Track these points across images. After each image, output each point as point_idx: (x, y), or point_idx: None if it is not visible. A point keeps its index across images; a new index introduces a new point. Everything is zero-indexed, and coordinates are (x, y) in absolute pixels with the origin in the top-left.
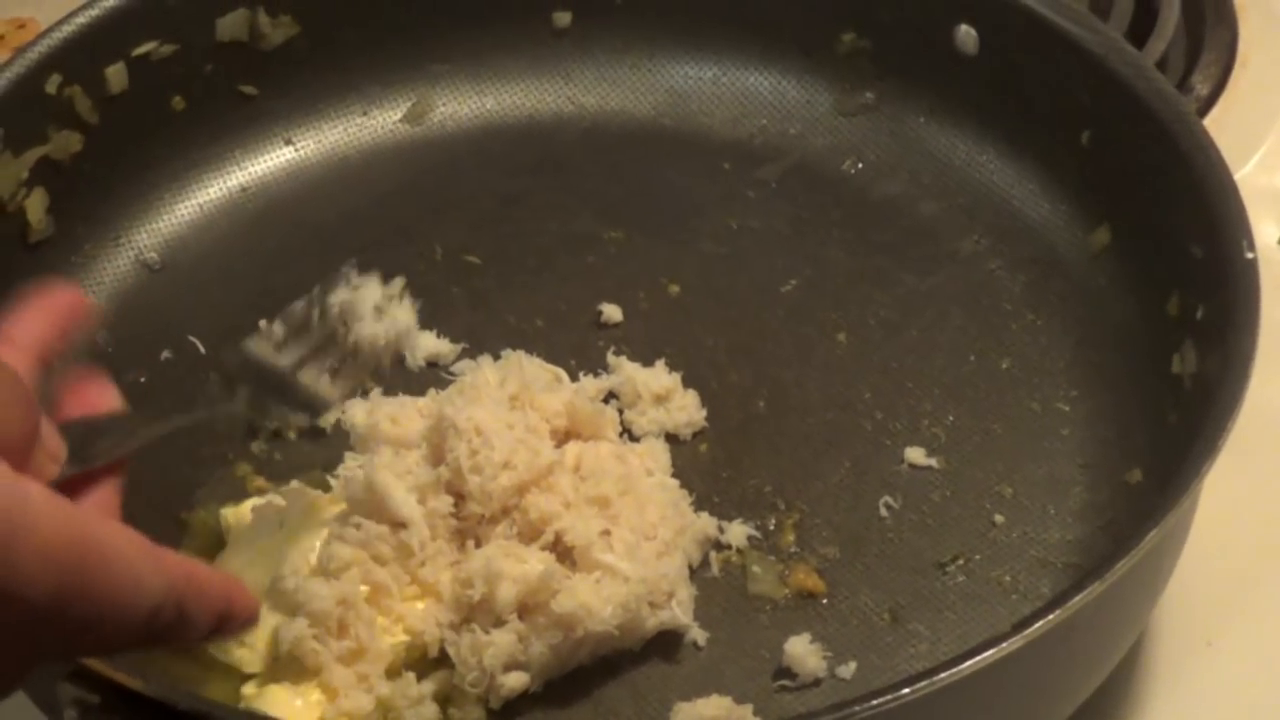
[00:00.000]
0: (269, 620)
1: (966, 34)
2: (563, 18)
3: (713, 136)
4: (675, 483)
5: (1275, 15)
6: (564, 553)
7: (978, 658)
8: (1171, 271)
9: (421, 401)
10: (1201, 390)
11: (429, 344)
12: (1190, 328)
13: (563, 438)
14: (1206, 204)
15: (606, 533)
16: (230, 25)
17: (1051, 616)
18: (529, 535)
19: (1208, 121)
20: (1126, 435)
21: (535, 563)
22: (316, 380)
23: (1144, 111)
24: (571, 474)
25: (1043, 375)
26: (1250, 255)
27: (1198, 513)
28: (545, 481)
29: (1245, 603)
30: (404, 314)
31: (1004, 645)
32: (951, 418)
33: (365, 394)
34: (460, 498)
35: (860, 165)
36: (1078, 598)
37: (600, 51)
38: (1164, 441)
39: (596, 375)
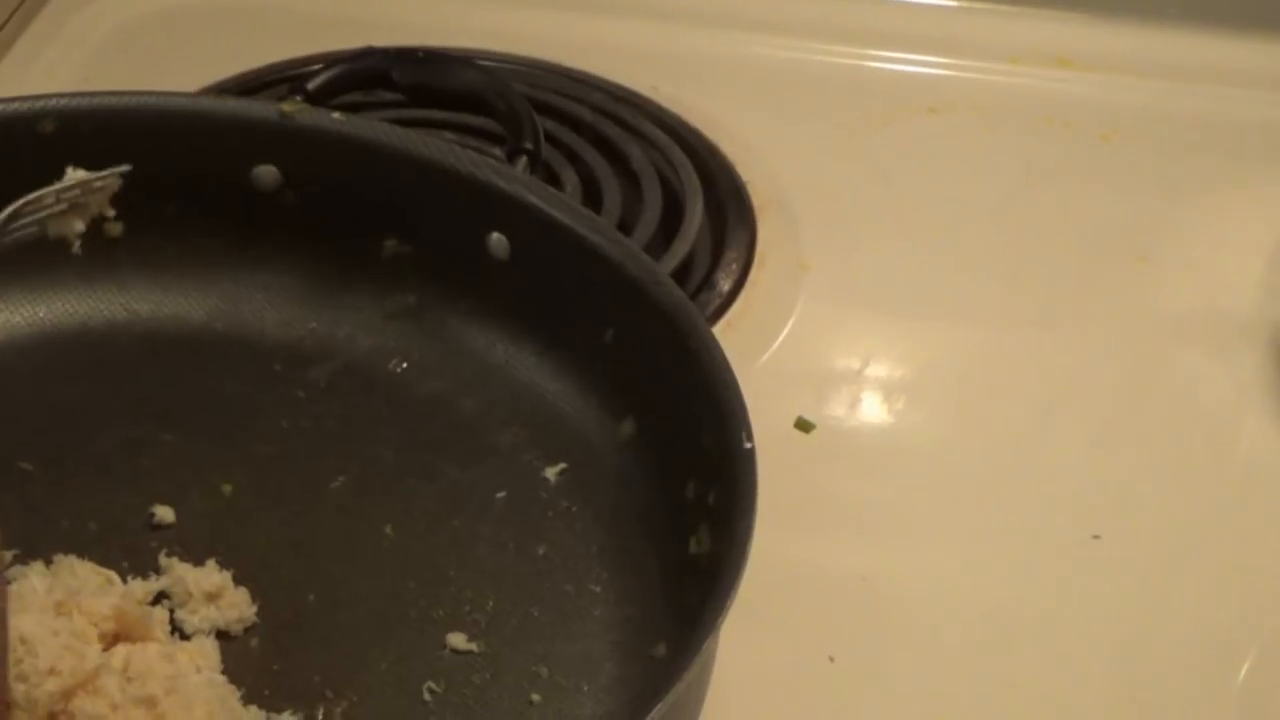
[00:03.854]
0: None
1: (498, 241)
2: (115, 227)
3: (265, 339)
4: (223, 679)
5: (789, 217)
6: None
7: None
8: (687, 461)
9: None
10: (715, 571)
11: None
12: (704, 512)
13: (111, 640)
14: (713, 399)
15: None
16: None
17: None
18: None
19: (730, 315)
20: (653, 613)
21: None
22: None
23: (658, 313)
24: (119, 676)
25: (577, 559)
26: (749, 445)
27: (728, 673)
28: (92, 685)
29: None
30: None
31: None
32: (491, 603)
33: None
34: (6, 706)
35: (405, 365)
36: None
37: (153, 259)
38: (685, 617)
39: (147, 577)
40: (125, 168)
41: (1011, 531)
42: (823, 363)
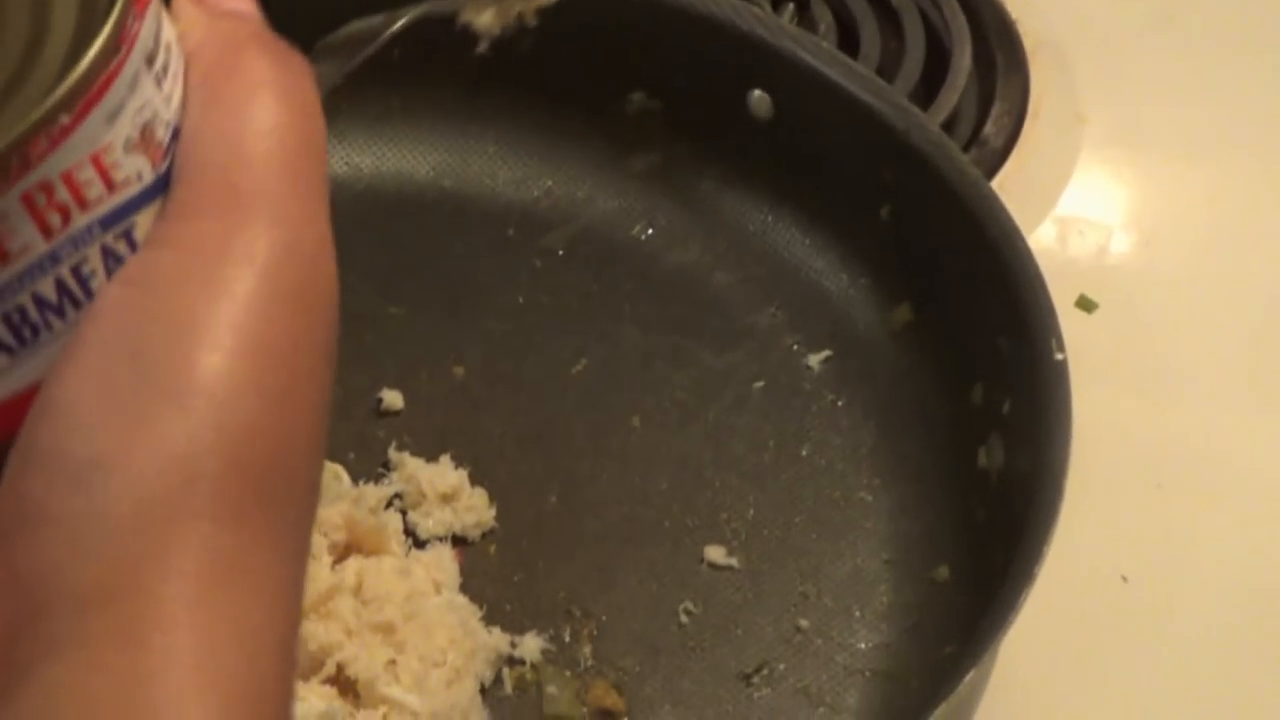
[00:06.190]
0: None
1: (760, 99)
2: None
3: (496, 199)
4: (464, 599)
5: (1066, 62)
6: (346, 685)
7: None
8: (975, 360)
9: None
10: (1011, 490)
11: None
12: (997, 421)
13: (343, 551)
14: (1013, 297)
15: (392, 662)
16: None
17: None
18: (309, 669)
19: (1002, 175)
20: (932, 530)
21: (316, 699)
22: None
23: (948, 192)
24: (352, 598)
25: (844, 462)
26: (1060, 356)
27: None
28: (324, 608)
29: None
30: None
31: None
32: (751, 511)
33: None
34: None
35: (651, 231)
36: None
37: (375, 108)
38: (972, 538)
39: (376, 472)
40: None
41: None
42: (1106, 230)
